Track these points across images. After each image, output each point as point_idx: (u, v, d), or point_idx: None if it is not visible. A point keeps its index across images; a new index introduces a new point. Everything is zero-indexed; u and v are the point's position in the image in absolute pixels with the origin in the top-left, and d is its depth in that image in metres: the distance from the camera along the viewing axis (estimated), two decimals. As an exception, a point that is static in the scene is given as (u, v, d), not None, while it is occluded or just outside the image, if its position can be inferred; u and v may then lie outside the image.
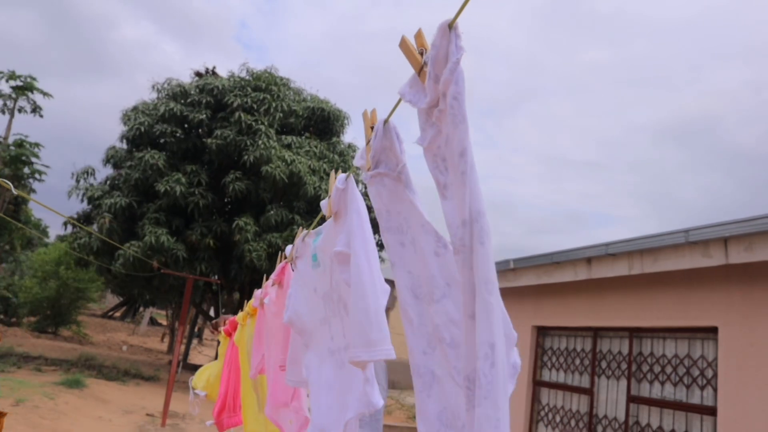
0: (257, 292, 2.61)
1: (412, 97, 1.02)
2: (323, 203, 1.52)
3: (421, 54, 1.00)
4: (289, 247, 1.94)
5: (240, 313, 3.32)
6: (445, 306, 1.05)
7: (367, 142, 1.23)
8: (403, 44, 1.04)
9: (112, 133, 18.15)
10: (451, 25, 0.91)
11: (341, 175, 1.43)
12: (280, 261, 2.21)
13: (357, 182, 1.47)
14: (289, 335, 1.84)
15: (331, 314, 1.50)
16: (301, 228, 1.87)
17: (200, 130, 17.43)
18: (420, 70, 1.00)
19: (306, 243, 1.72)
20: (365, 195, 1.44)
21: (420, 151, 1.06)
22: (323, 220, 1.63)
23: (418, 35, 1.02)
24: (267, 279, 2.56)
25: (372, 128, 1.22)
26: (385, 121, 1.19)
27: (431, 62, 0.94)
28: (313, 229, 1.72)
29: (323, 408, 1.47)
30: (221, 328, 4.14)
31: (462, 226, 0.88)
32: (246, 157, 15.41)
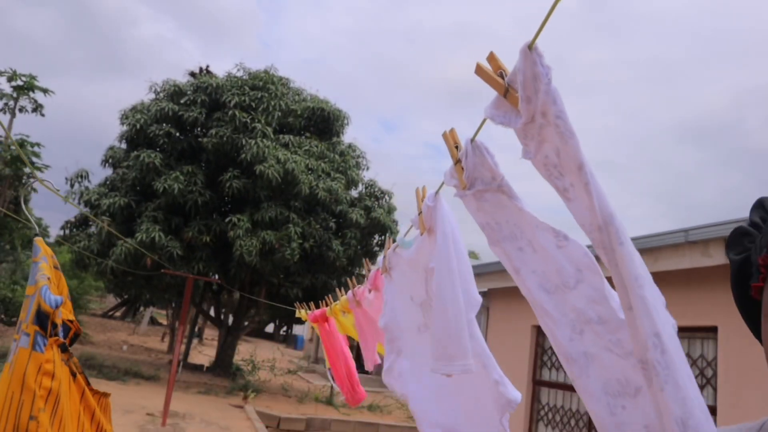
0: (349, 294, 2.92)
1: (503, 119, 1.04)
2: (413, 219, 1.59)
3: (501, 76, 1.01)
4: (380, 258, 2.05)
5: (330, 307, 3.61)
6: (583, 290, 1.11)
7: (456, 162, 1.25)
8: (480, 70, 1.04)
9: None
10: (530, 47, 0.93)
11: (430, 192, 1.48)
12: (367, 269, 2.45)
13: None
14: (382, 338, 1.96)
15: (430, 321, 1.55)
16: (390, 238, 1.97)
17: (196, 130, 17.41)
18: (506, 93, 1.01)
19: (397, 253, 1.81)
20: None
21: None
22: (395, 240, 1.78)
23: (492, 58, 1.03)
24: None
25: (456, 148, 1.26)
26: (472, 140, 1.20)
27: (521, 86, 0.96)
28: (402, 240, 1.82)
29: (450, 413, 1.53)
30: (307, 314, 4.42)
31: (599, 231, 0.94)
32: (243, 155, 15.42)
